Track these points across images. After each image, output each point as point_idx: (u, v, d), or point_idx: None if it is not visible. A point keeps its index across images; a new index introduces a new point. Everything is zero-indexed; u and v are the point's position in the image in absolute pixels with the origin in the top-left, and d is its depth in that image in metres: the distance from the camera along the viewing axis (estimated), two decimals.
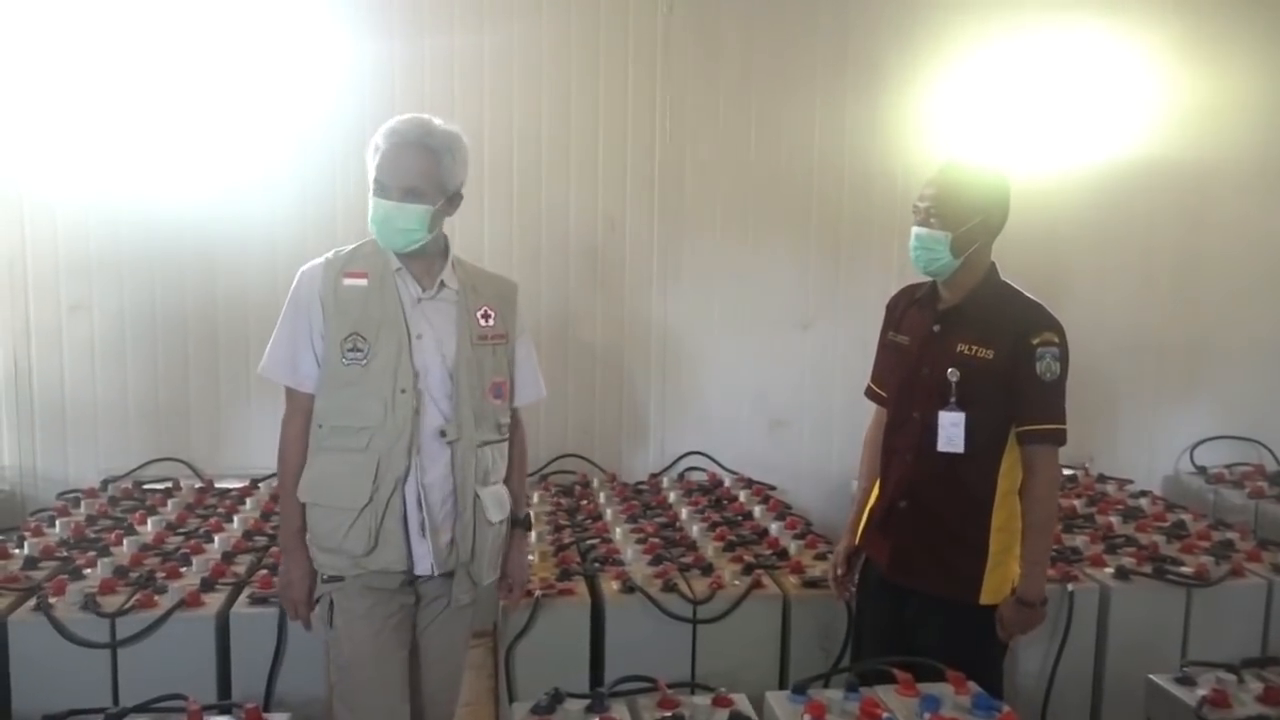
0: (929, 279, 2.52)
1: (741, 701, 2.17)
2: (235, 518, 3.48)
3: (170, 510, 3.59)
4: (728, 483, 4.11)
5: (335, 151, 3.96)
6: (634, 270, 4.19)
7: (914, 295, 2.60)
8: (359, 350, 2.26)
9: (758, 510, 3.71)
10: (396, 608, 2.31)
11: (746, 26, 4.16)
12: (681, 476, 4.18)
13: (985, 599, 2.39)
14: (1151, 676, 2.37)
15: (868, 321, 3.82)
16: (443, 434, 2.27)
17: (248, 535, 3.29)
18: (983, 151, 3.63)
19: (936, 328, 2.47)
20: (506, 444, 2.44)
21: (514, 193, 4.08)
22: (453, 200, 2.33)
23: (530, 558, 2.65)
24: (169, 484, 3.89)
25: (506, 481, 2.44)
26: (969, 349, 2.39)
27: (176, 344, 4.01)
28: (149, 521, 3.41)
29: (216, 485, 3.92)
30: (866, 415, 2.76)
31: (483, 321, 2.36)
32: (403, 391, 2.25)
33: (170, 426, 4.04)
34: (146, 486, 3.87)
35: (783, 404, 4.35)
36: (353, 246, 2.37)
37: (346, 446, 2.26)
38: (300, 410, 2.32)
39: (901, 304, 2.64)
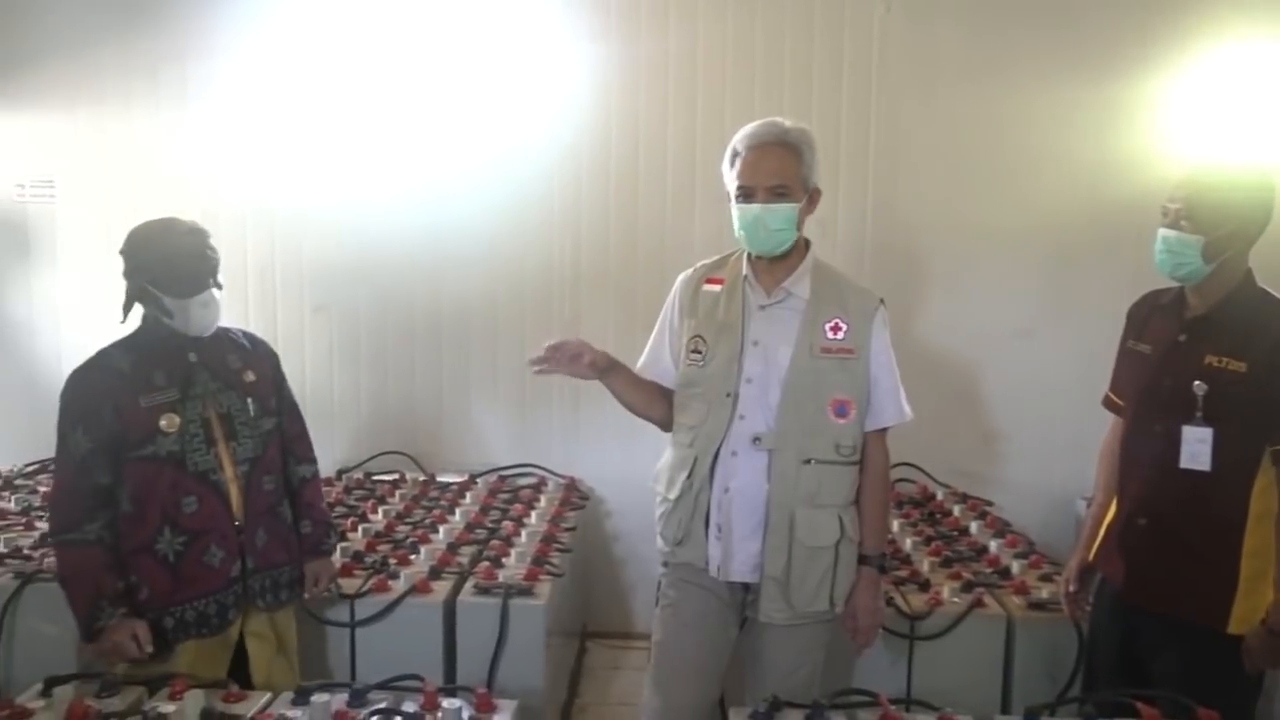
0: (1174, 284, 2.35)
1: None
2: (457, 510, 3.65)
3: (398, 501, 3.81)
4: (940, 496, 3.97)
5: (551, 157, 4.11)
6: (845, 273, 4.10)
7: (1158, 301, 2.42)
8: (699, 352, 2.37)
9: (974, 526, 3.55)
10: (716, 606, 2.38)
11: (968, 25, 4.00)
12: (892, 487, 4.04)
13: (1235, 628, 2.20)
14: None
15: (1096, 330, 3.58)
16: (757, 440, 2.28)
17: (469, 528, 3.44)
18: (1240, 151, 3.34)
19: (1183, 337, 2.29)
20: (850, 468, 2.33)
21: (724, 194, 4.11)
22: (812, 198, 2.34)
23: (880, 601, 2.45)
24: (395, 476, 4.13)
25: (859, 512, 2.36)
26: (1219, 360, 2.20)
27: (404, 344, 4.27)
28: (379, 511, 3.63)
29: (438, 479, 4.12)
30: (1094, 430, 2.61)
31: (830, 334, 2.31)
32: (727, 395, 2.31)
33: (396, 422, 4.30)
34: (376, 478, 4.12)
35: (1000, 416, 4.16)
36: (725, 255, 2.46)
37: (679, 441, 2.40)
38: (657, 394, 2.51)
39: (1144, 310, 2.47)
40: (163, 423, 2.35)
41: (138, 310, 2.47)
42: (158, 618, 2.35)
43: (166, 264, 2.38)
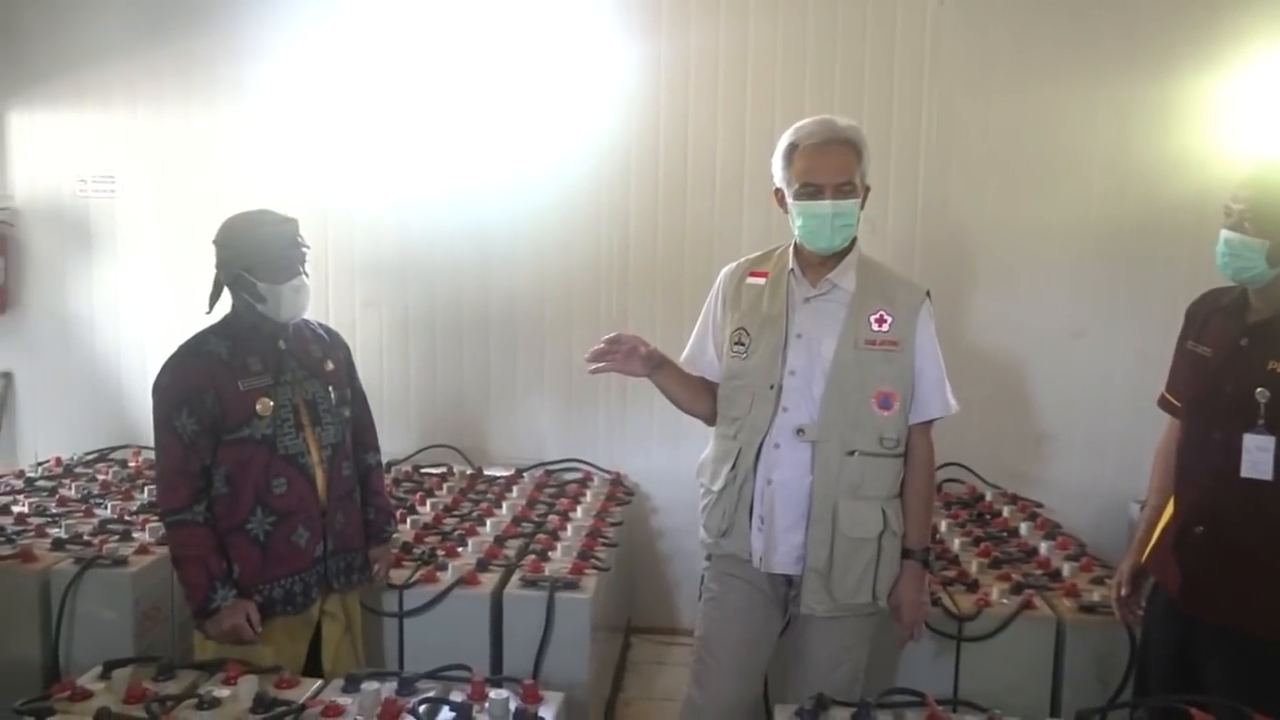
0: (1232, 285, 2.29)
1: None
2: (504, 504, 3.68)
3: (445, 494, 3.85)
4: (989, 496, 3.92)
5: (600, 154, 4.13)
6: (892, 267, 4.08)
7: (1219, 302, 2.36)
8: (742, 344, 2.39)
9: (1024, 527, 3.50)
10: (759, 600, 2.39)
11: (1021, 21, 3.94)
12: (940, 487, 4.01)
13: None
14: None
15: (1150, 331, 3.52)
16: (800, 432, 2.29)
17: (516, 521, 3.47)
18: None
19: (1244, 341, 2.23)
20: (894, 461, 2.33)
21: (772, 189, 4.11)
22: (865, 195, 2.35)
23: (924, 597, 2.43)
24: (443, 469, 4.17)
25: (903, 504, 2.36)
26: None
27: (452, 340, 4.31)
28: (428, 503, 3.67)
29: (485, 473, 4.15)
30: (1147, 432, 2.57)
31: (875, 326, 2.32)
32: (771, 387, 2.32)
33: (444, 416, 4.35)
34: (424, 471, 4.16)
35: (1051, 416, 4.09)
36: (769, 249, 2.48)
37: (723, 433, 2.42)
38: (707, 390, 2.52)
39: (1204, 310, 2.40)
40: (258, 406, 2.44)
41: (216, 301, 2.56)
42: (247, 596, 2.43)
43: (261, 251, 2.46)
